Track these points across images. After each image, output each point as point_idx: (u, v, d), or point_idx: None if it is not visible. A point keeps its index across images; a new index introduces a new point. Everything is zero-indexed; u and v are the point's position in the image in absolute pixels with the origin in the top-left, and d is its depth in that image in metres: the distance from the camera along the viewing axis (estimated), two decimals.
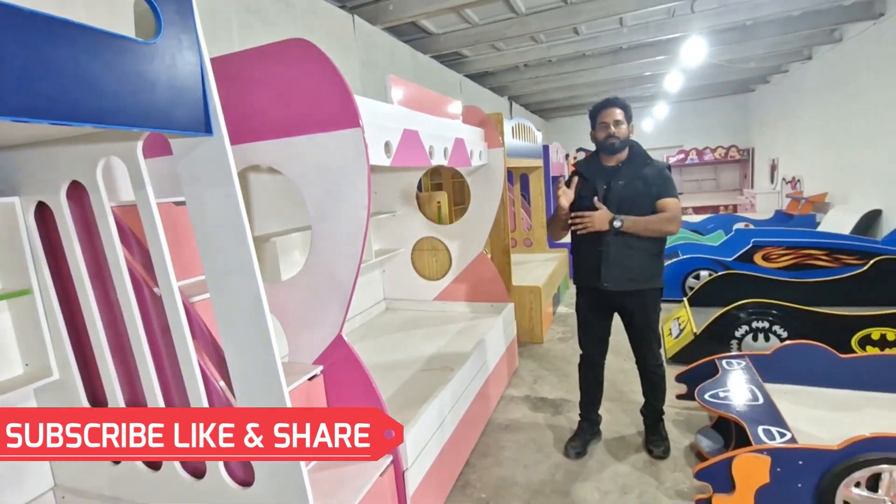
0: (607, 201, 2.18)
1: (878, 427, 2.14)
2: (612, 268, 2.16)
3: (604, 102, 2.22)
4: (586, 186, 2.26)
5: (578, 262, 2.33)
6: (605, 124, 2.19)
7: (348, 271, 1.71)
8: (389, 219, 3.74)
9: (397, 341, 3.16)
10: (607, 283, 2.18)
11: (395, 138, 2.05)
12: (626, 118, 2.18)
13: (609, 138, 2.18)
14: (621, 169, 2.21)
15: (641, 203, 2.15)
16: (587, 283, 2.29)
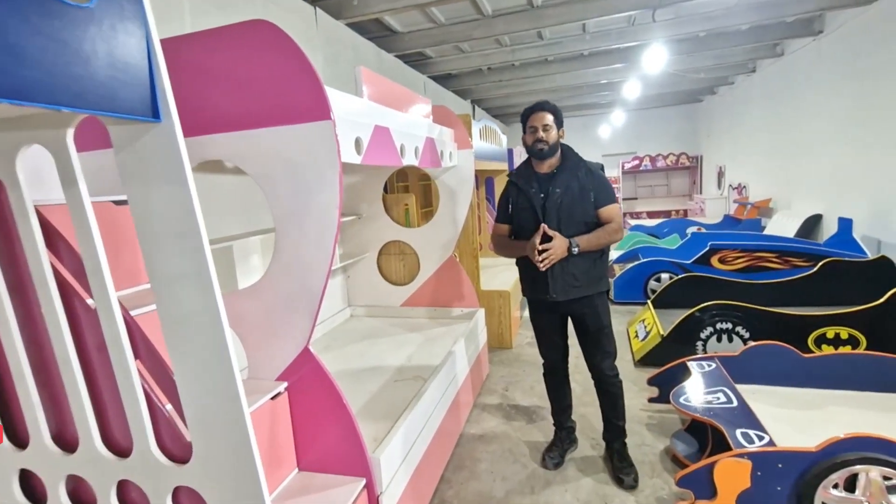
0: (546, 211, 2.12)
1: (843, 424, 2.20)
2: (558, 279, 2.12)
3: (533, 106, 2.16)
4: (522, 196, 2.19)
5: (525, 275, 2.27)
6: (533, 128, 2.14)
7: (317, 277, 1.56)
8: (354, 222, 3.58)
9: (364, 350, 3.00)
10: (555, 293, 2.14)
11: (365, 135, 1.91)
12: (555, 123, 2.14)
13: (537, 143, 2.13)
14: (556, 175, 2.15)
15: (579, 210, 2.11)
16: (536, 295, 2.24)
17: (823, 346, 3.12)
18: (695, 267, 4.85)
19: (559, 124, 2.17)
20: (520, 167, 2.30)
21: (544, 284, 2.14)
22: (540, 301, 2.26)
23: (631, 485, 2.19)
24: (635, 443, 2.54)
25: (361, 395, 2.36)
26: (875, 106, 5.05)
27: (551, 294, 2.14)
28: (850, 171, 5.59)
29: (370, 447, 1.76)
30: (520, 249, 2.15)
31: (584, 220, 2.12)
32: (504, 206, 2.29)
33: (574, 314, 2.25)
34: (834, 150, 5.91)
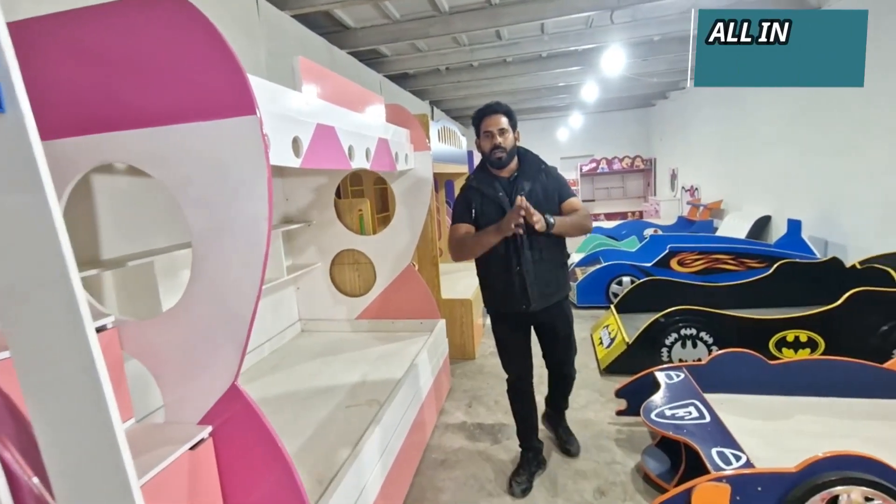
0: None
1: (813, 434, 2.15)
2: (535, 287, 2.04)
3: (485, 109, 2.04)
4: (488, 202, 2.05)
5: (494, 287, 2.12)
6: (489, 133, 2.02)
7: (245, 301, 1.31)
8: (304, 229, 3.30)
9: (315, 370, 2.73)
10: (533, 303, 2.05)
11: (306, 134, 1.68)
12: (511, 125, 2.03)
13: (495, 150, 2.01)
14: (518, 180, 2.05)
15: (547, 210, 2.01)
16: (509, 308, 2.10)
17: (784, 350, 3.13)
18: (655, 270, 4.85)
19: (514, 126, 2.06)
20: (478, 173, 2.15)
21: (521, 296, 2.04)
22: (510, 314, 2.13)
23: (577, 451, 2.48)
24: (605, 461, 2.41)
25: (309, 424, 2.11)
26: (819, 112, 5.24)
27: (531, 305, 2.04)
28: (797, 173, 5.78)
29: (314, 494, 1.53)
30: (488, 238, 1.96)
31: None
32: (464, 209, 2.11)
33: (545, 322, 2.18)
34: (781, 154, 6.12)
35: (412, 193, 3.15)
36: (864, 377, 2.41)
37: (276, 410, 2.26)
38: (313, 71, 1.88)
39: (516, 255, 2.02)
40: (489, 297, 2.18)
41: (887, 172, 4.21)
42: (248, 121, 1.20)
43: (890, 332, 2.97)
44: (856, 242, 4.63)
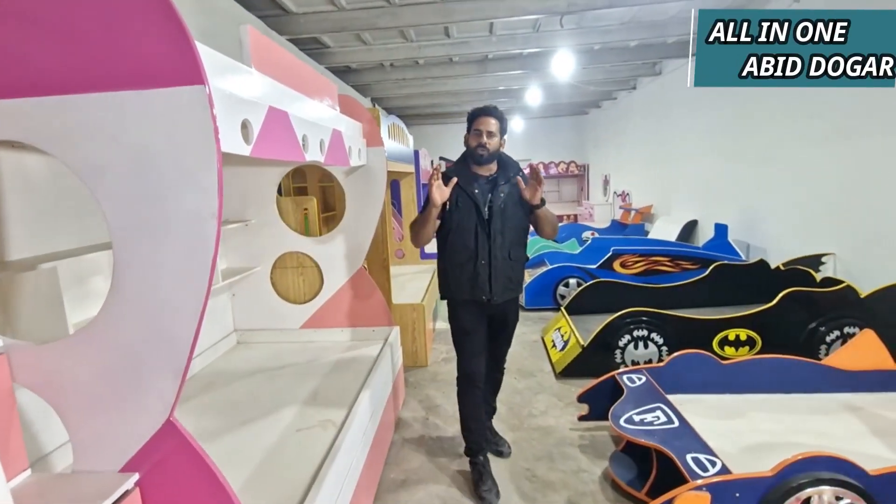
0: (492, 213, 2.11)
1: (770, 432, 2.22)
2: (499, 281, 2.14)
3: (483, 109, 2.15)
4: (464, 196, 2.12)
5: (459, 276, 2.16)
6: (478, 132, 2.11)
7: (184, 319, 1.06)
8: (241, 230, 2.96)
9: (256, 387, 2.43)
10: (496, 296, 2.14)
11: (256, 118, 1.43)
12: (499, 130, 2.14)
13: (479, 148, 2.11)
14: (498, 180, 2.15)
15: (519, 215, 2.15)
16: (471, 297, 2.16)
17: (726, 348, 3.27)
18: (599, 272, 4.96)
19: (503, 132, 2.16)
20: (458, 166, 2.22)
21: (485, 287, 2.13)
22: (472, 302, 2.19)
23: (508, 452, 2.49)
24: (572, 469, 2.35)
25: (255, 455, 1.83)
26: (741, 122, 5.65)
27: (493, 297, 2.13)
28: (721, 180, 6.21)
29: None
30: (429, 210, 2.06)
31: (522, 226, 2.19)
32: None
33: (499, 314, 2.27)
34: (706, 162, 6.55)
35: (365, 191, 2.92)
36: (805, 373, 2.55)
37: (214, 439, 1.96)
38: (265, 46, 1.62)
39: (486, 250, 2.10)
40: (452, 285, 2.19)
41: (803, 180, 4.60)
42: (192, 92, 0.96)
43: (816, 329, 3.20)
44: (775, 245, 5.02)
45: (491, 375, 2.44)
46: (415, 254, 5.63)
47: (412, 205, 5.41)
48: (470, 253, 2.11)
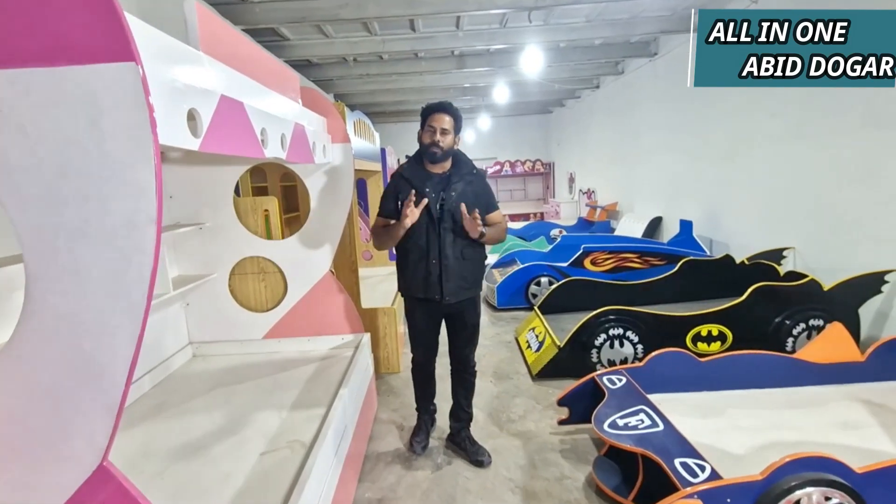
0: (442, 212, 2.11)
1: (754, 429, 2.20)
2: (451, 280, 2.15)
3: (437, 105, 2.12)
4: (417, 196, 2.11)
5: (412, 275, 2.21)
6: (432, 129, 2.10)
7: (118, 344, 0.88)
8: (194, 234, 2.73)
9: (214, 406, 2.23)
10: (448, 296, 2.16)
11: (206, 108, 1.25)
12: (454, 128, 2.12)
13: (432, 146, 2.10)
14: (451, 179, 2.15)
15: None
16: (425, 295, 2.20)
17: (699, 344, 3.29)
18: (571, 270, 4.94)
19: (457, 130, 2.14)
20: (411, 164, 2.22)
21: (437, 286, 2.14)
22: (425, 300, 2.21)
23: (489, 461, 2.38)
24: (554, 476, 2.26)
25: (214, 485, 1.64)
26: (702, 121, 5.77)
27: (445, 296, 2.15)
28: (683, 177, 6.34)
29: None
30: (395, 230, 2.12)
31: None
32: (392, 201, 2.21)
33: (455, 313, 2.28)
34: (669, 160, 6.67)
35: (330, 191, 2.75)
36: (779, 368, 2.57)
37: (165, 471, 1.75)
38: (215, 27, 1.44)
39: (437, 249, 2.12)
40: (407, 283, 2.24)
41: (762, 177, 4.72)
42: (120, 71, 0.79)
43: (783, 322, 3.26)
44: (737, 240, 5.15)
45: (460, 377, 2.44)
46: (383, 255, 5.45)
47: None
48: (421, 252, 2.14)
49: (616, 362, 3.23)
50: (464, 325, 2.30)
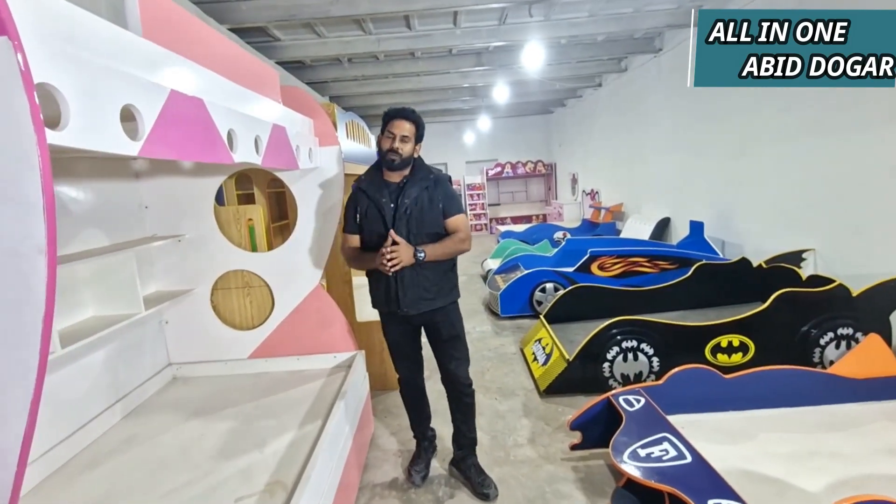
0: (396, 220, 2.01)
1: (782, 457, 1.98)
2: (408, 292, 2.03)
3: (398, 111, 2.03)
4: (372, 206, 2.06)
5: (375, 288, 2.14)
6: (391, 136, 2.00)
7: (4, 415, 0.67)
8: (172, 246, 2.52)
9: (189, 440, 2.01)
10: (406, 307, 2.05)
11: (149, 104, 1.04)
12: (415, 136, 2.03)
13: (390, 153, 2.00)
14: (406, 186, 2.05)
15: (429, 220, 2.04)
16: (388, 308, 2.11)
17: (719, 356, 3.05)
18: (577, 276, 4.72)
19: (418, 139, 2.05)
20: (369, 174, 2.13)
21: (395, 299, 2.05)
22: (392, 313, 2.13)
23: (495, 495, 2.18)
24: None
25: None
26: (711, 117, 5.55)
27: (402, 308, 2.05)
28: (691, 177, 6.11)
29: None
30: (371, 261, 2.01)
31: (433, 231, 2.06)
32: (352, 214, 2.13)
33: (427, 324, 2.17)
34: (676, 159, 6.44)
35: (319, 198, 2.54)
36: (812, 384, 2.34)
37: None
38: (167, 11, 1.23)
39: None
40: (372, 296, 2.17)
41: (777, 174, 4.49)
42: None
43: (809, 331, 3.03)
44: (751, 242, 4.91)
45: (454, 397, 2.25)
46: None
47: None
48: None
49: (630, 377, 3.00)
50: (439, 336, 2.17)
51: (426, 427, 2.43)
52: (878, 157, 3.42)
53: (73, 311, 2.01)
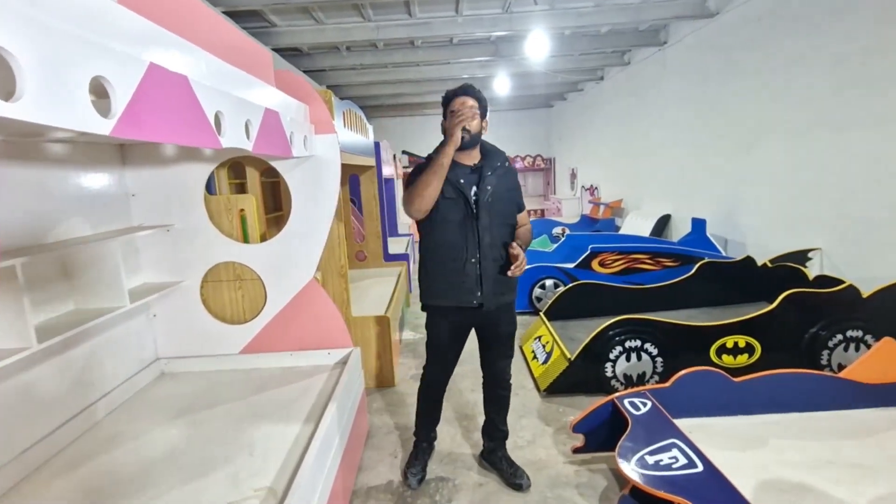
0: (478, 207, 1.90)
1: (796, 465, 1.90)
2: (490, 284, 1.93)
3: (458, 89, 1.95)
4: (448, 185, 1.89)
5: (442, 279, 1.97)
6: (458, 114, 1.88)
7: None
8: (160, 237, 2.41)
9: (176, 439, 1.91)
10: (485, 301, 1.94)
11: (123, 77, 0.94)
12: (480, 111, 1.93)
13: (461, 131, 1.86)
14: (484, 171, 1.94)
15: (507, 210, 1.99)
16: (458, 302, 1.96)
17: (724, 357, 2.98)
18: (578, 272, 4.63)
19: (483, 113, 1.95)
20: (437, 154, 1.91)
21: (473, 291, 1.92)
22: (454, 309, 1.99)
23: (528, 485, 2.16)
24: None
25: None
26: (714, 114, 5.45)
27: (483, 302, 1.93)
28: (693, 173, 6.02)
29: None
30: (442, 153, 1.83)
31: (510, 222, 2.00)
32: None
33: (489, 322, 2.07)
34: (678, 154, 6.35)
35: (314, 188, 2.43)
36: (825, 389, 2.27)
37: None
38: None
39: (475, 245, 1.91)
40: (437, 289, 2.00)
41: (782, 171, 4.41)
42: None
43: (816, 334, 2.95)
44: (754, 240, 4.84)
45: (493, 393, 2.23)
46: (377, 256, 5.15)
47: (373, 202, 4.91)
48: (457, 251, 1.91)
49: (633, 377, 2.92)
50: (498, 335, 2.10)
51: (432, 430, 2.35)
52: (889, 155, 3.34)
53: (51, 303, 1.90)
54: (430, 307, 2.07)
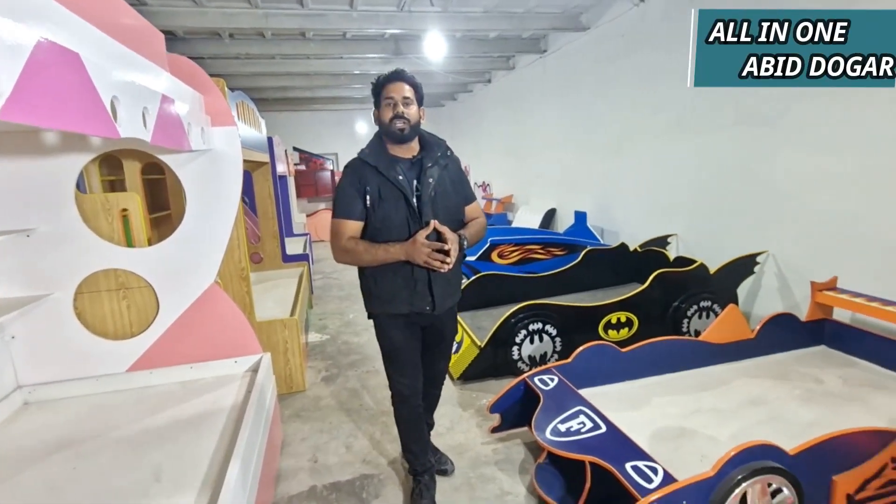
0: (421, 204, 1.76)
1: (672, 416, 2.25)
2: (440, 286, 1.82)
3: (389, 75, 1.78)
4: (387, 185, 1.75)
5: (391, 285, 1.81)
6: (391, 101, 1.74)
7: None
8: (18, 243, 2.05)
9: (61, 473, 1.65)
10: (437, 305, 1.83)
11: (11, 55, 0.80)
12: (416, 98, 1.80)
13: (396, 120, 1.73)
14: (424, 162, 1.80)
15: (453, 204, 1.86)
16: (410, 308, 1.83)
17: (609, 331, 3.37)
18: (479, 264, 4.87)
19: (419, 100, 1.81)
20: (373, 148, 1.81)
21: (425, 294, 1.80)
22: (405, 315, 1.86)
23: (452, 469, 2.25)
24: (494, 493, 2.10)
25: None
26: (588, 117, 6.09)
27: (436, 307, 1.82)
28: (574, 171, 6.65)
29: None
30: (386, 253, 1.72)
31: (457, 217, 1.88)
32: (351, 196, 1.76)
33: (433, 326, 1.96)
34: (560, 154, 6.97)
35: (213, 184, 2.25)
36: (689, 351, 2.70)
37: None
38: None
39: None
40: (385, 297, 1.83)
41: (647, 169, 5.09)
42: None
43: (679, 306, 3.48)
44: (626, 229, 5.51)
45: (429, 392, 2.18)
46: (275, 257, 4.88)
47: (268, 201, 4.65)
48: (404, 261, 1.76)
49: (536, 358, 3.18)
50: (443, 337, 2.03)
51: (427, 455, 2.11)
52: (728, 154, 4.04)
53: None
54: (380, 315, 1.91)
